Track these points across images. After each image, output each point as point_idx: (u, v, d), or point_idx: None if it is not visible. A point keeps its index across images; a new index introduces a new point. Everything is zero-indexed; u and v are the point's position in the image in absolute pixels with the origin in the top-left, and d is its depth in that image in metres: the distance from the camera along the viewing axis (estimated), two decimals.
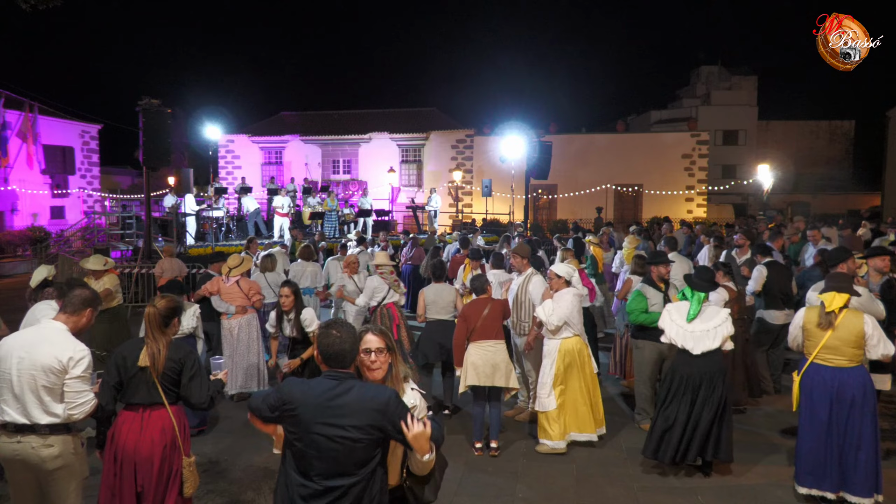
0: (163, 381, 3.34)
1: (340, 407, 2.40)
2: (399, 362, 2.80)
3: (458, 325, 5.44)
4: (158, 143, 12.41)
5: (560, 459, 5.24)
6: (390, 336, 2.77)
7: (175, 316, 3.53)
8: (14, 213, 22.54)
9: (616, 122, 30.96)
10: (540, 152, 16.15)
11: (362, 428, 2.39)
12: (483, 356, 5.23)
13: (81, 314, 3.42)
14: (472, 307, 5.40)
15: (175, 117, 27.41)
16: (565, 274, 5.47)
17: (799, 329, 4.46)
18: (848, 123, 36.26)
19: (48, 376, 3.16)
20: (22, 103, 21.98)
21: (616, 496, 4.64)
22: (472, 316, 5.32)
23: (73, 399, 3.21)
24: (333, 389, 2.44)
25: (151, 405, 3.33)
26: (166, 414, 3.34)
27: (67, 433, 3.27)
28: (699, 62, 35.33)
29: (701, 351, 4.71)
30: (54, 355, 3.18)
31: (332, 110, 29.32)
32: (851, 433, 4.19)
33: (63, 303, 3.49)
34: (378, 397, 2.44)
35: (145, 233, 12.94)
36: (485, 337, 5.26)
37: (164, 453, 3.29)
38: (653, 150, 25.73)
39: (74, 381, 3.21)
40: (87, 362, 3.27)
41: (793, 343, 4.56)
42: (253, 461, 5.23)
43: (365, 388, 2.50)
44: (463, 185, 25.55)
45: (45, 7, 9.22)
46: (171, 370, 3.35)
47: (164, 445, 3.29)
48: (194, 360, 3.43)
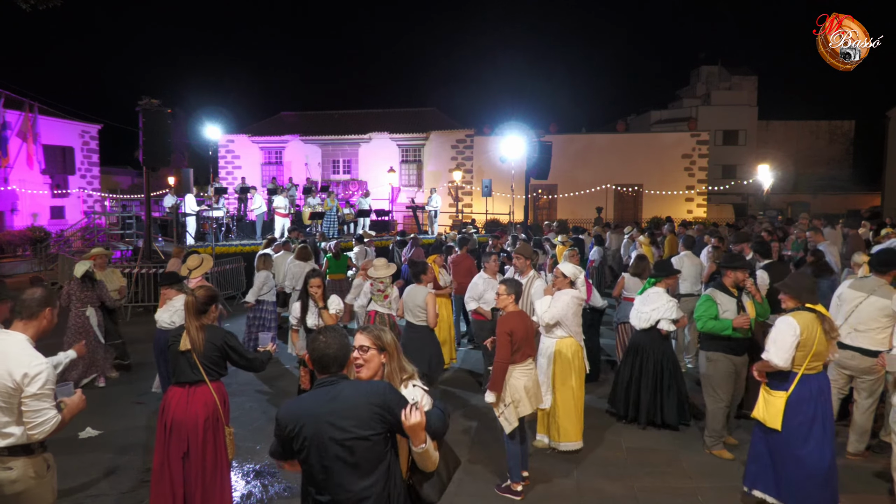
0: (203, 362, 3.76)
1: (338, 409, 2.38)
2: (399, 361, 2.79)
3: (502, 342, 4.51)
4: (158, 143, 12.41)
5: (560, 459, 5.24)
6: (382, 336, 2.74)
7: (212, 303, 3.91)
8: (14, 213, 22.55)
9: (616, 122, 30.99)
10: (540, 152, 16.15)
11: (366, 424, 2.36)
12: (531, 377, 4.63)
13: (40, 317, 3.09)
14: (517, 320, 4.59)
15: (175, 117, 27.51)
16: (571, 274, 5.40)
17: (795, 345, 3.98)
18: (848, 123, 36.29)
19: (1, 395, 2.88)
20: (22, 103, 21.98)
21: (616, 496, 4.64)
22: (519, 331, 4.54)
23: (32, 419, 2.90)
24: (327, 394, 2.43)
25: (195, 383, 3.77)
26: (208, 390, 3.79)
27: (28, 455, 2.96)
28: (699, 62, 35.38)
29: (640, 328, 5.83)
30: (8, 371, 2.87)
31: (332, 110, 29.33)
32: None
33: (15, 309, 3.13)
34: (373, 391, 2.42)
35: (145, 233, 12.93)
36: (529, 355, 4.63)
37: (207, 424, 3.75)
38: (653, 150, 25.73)
39: (31, 400, 2.88)
40: (45, 377, 2.92)
41: (786, 362, 3.99)
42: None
43: (356, 385, 2.50)
44: (463, 185, 25.55)
45: (45, 7, 9.22)
46: (212, 351, 3.78)
47: (207, 417, 3.75)
48: (234, 343, 3.88)
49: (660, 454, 5.35)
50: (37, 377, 2.89)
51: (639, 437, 5.73)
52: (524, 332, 4.57)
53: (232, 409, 4.45)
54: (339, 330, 2.60)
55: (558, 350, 5.24)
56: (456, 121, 27.39)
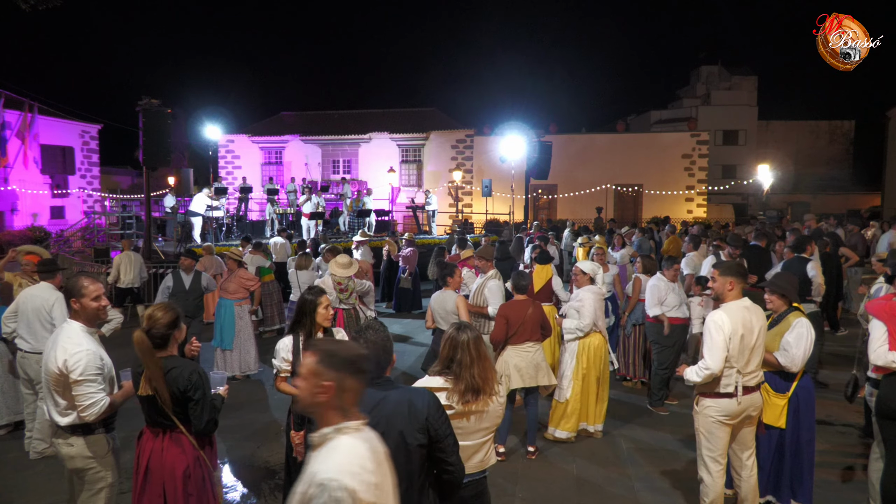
0: (174, 408, 3.05)
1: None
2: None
3: (498, 324, 5.14)
4: (158, 143, 12.41)
5: (560, 459, 5.24)
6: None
7: (175, 328, 3.11)
8: (14, 213, 22.54)
9: (616, 122, 30.96)
10: (540, 152, 16.16)
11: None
12: (525, 357, 5.06)
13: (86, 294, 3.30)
14: (513, 308, 5.17)
15: (175, 117, 27.43)
16: (590, 271, 5.71)
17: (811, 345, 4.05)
18: (848, 123, 36.26)
19: (54, 379, 3.17)
20: (22, 103, 21.97)
21: (616, 496, 4.64)
22: (515, 317, 5.09)
23: (80, 402, 3.14)
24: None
25: (170, 428, 3.10)
26: (184, 436, 3.11)
27: (88, 434, 3.23)
28: (699, 62, 35.35)
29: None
30: (55, 357, 3.17)
31: (332, 110, 29.33)
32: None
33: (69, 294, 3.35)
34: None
35: (145, 233, 12.94)
36: (526, 339, 5.09)
37: (188, 471, 3.10)
38: (653, 150, 25.73)
39: (76, 385, 3.13)
40: (84, 365, 3.12)
41: (799, 364, 4.03)
42: (255, 461, 5.24)
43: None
44: (463, 185, 25.55)
45: (45, 7, 9.24)
46: (177, 397, 3.03)
47: (187, 465, 3.10)
48: (197, 387, 3.04)
49: (661, 450, 5.36)
50: (76, 365, 3.11)
51: (639, 437, 5.73)
52: (520, 319, 5.05)
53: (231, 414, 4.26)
54: (379, 328, 2.55)
55: (587, 344, 5.53)
56: (456, 121, 27.39)
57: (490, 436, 2.88)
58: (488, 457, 2.90)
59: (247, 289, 7.77)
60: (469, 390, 2.74)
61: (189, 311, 6.90)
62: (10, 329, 5.12)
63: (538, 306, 5.26)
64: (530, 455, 5.22)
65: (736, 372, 3.74)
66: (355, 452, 1.82)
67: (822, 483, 4.56)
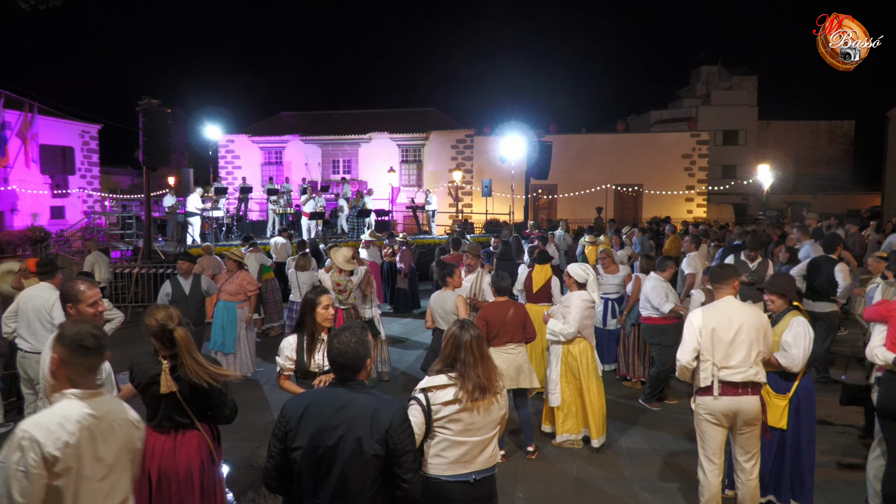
0: (191, 404, 3.02)
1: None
2: None
3: (478, 326, 4.99)
4: (158, 143, 12.41)
5: (560, 459, 5.24)
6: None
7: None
8: (14, 213, 22.53)
9: (616, 122, 30.96)
10: (540, 152, 16.17)
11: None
12: (506, 359, 4.96)
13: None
14: (493, 309, 5.10)
15: (175, 117, 27.42)
16: (578, 276, 5.43)
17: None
18: (848, 123, 36.25)
19: None
20: (22, 103, 21.96)
21: (616, 496, 4.64)
22: (494, 319, 5.02)
23: None
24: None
25: (183, 426, 3.06)
26: (199, 433, 3.09)
27: None
28: (699, 62, 35.35)
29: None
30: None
31: (332, 110, 29.31)
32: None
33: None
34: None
35: (145, 233, 12.93)
36: (507, 340, 5.03)
37: (202, 468, 3.08)
38: (653, 150, 25.73)
39: None
40: None
41: (799, 365, 4.05)
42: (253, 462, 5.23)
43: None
44: (463, 185, 25.54)
45: (45, 7, 9.23)
46: (204, 390, 2.99)
47: (202, 461, 3.08)
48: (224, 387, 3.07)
49: (659, 452, 5.36)
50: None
51: (639, 436, 5.73)
52: (501, 321, 5.01)
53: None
54: (356, 329, 2.56)
55: (568, 350, 5.35)
56: (456, 121, 27.38)
57: (496, 431, 2.89)
58: (496, 453, 2.91)
59: (246, 292, 7.66)
60: (477, 388, 2.75)
61: (193, 318, 6.46)
62: (10, 329, 5.13)
63: (520, 307, 5.19)
64: (530, 455, 5.21)
65: (711, 364, 3.81)
66: (61, 413, 2.04)
67: (822, 483, 4.56)
